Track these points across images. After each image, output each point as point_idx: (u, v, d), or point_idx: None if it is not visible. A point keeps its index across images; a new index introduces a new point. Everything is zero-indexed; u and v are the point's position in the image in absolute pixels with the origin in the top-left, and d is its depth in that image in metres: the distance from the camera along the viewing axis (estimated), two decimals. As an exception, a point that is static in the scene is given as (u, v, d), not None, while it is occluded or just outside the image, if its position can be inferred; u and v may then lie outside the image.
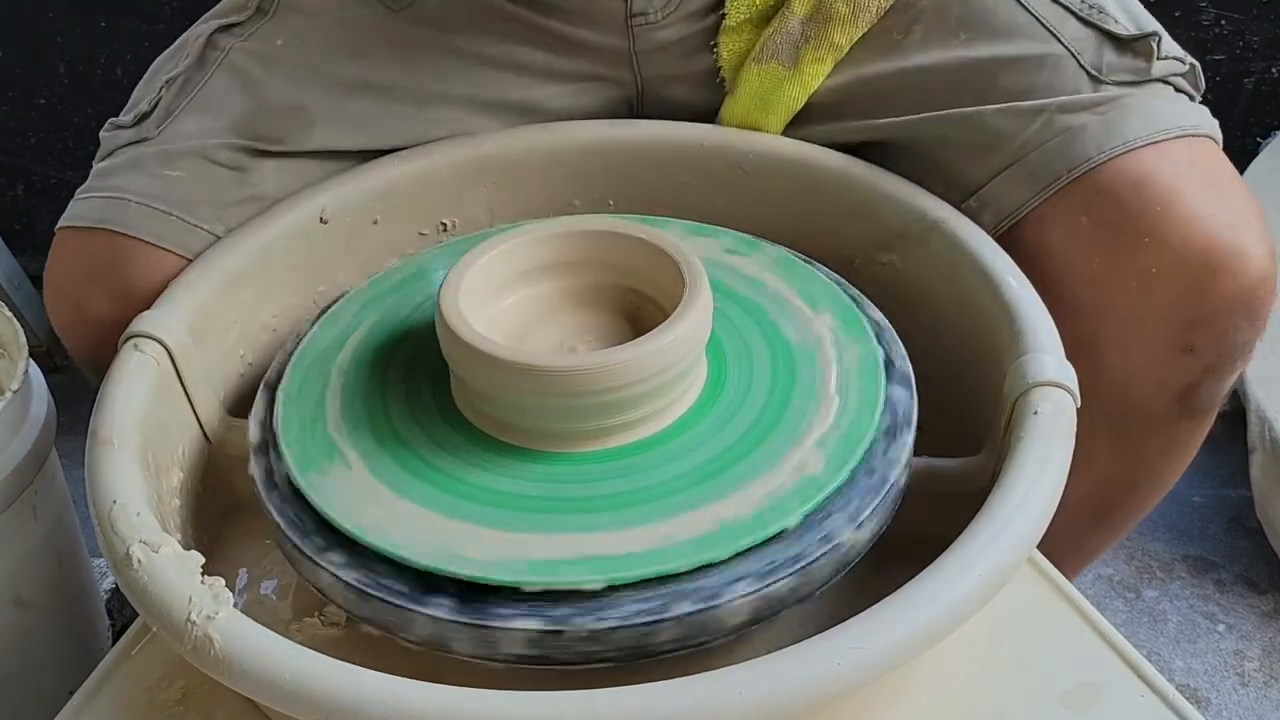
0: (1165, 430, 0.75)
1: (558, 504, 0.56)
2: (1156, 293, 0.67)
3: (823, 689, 0.45)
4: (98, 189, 0.73)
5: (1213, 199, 0.67)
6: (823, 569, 0.54)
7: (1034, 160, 0.70)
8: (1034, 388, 0.58)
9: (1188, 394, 0.71)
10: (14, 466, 0.79)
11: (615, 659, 0.52)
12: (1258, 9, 1.29)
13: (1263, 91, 1.36)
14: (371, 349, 0.66)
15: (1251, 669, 1.02)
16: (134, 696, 0.59)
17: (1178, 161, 0.68)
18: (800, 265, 0.70)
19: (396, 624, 0.53)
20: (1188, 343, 0.68)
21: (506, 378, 0.56)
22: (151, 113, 0.76)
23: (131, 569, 0.51)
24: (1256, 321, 0.68)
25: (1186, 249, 0.65)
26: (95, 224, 0.72)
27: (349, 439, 0.60)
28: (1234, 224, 0.66)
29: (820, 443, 0.57)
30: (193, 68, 0.77)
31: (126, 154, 0.75)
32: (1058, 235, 0.70)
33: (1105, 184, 0.67)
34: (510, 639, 0.51)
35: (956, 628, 0.48)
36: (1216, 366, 0.69)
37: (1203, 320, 0.67)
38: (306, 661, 0.47)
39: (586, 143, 0.81)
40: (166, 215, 0.71)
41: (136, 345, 0.64)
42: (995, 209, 0.72)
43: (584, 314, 0.66)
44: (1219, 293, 0.66)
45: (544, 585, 0.52)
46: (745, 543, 0.53)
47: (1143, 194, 0.66)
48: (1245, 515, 1.15)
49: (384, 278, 0.72)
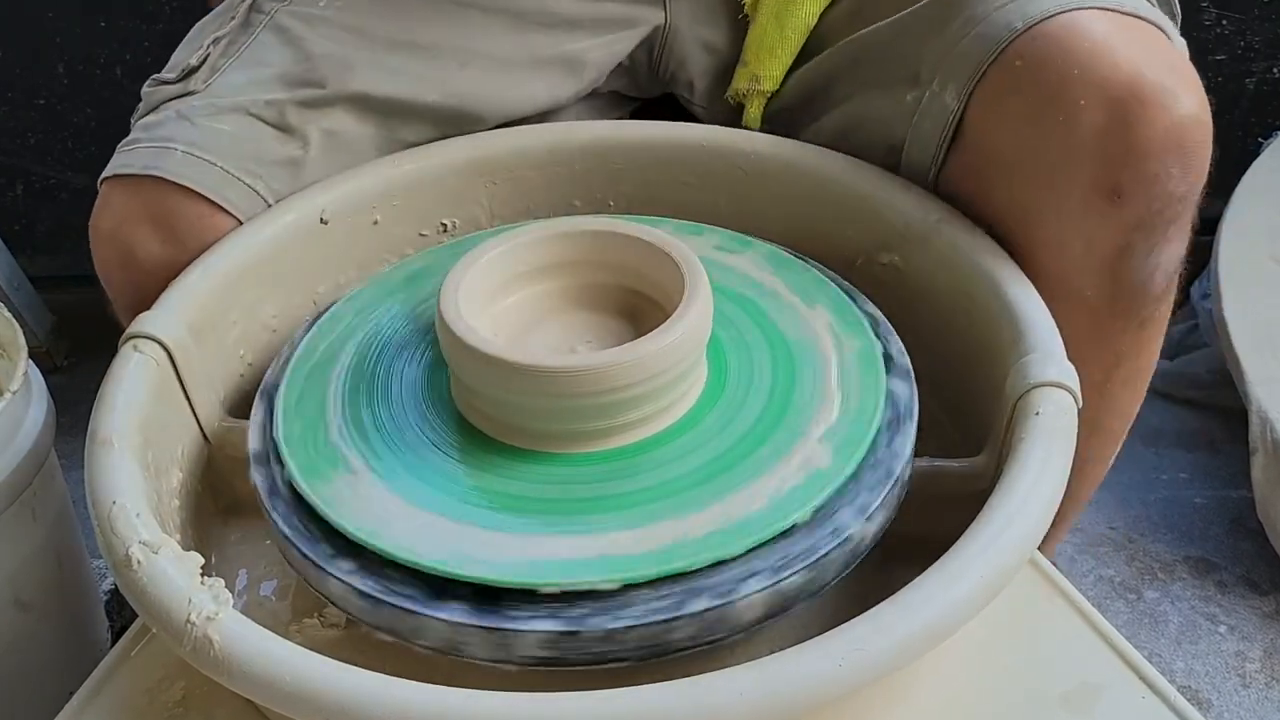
0: (1102, 330, 0.72)
1: (565, 505, 0.56)
2: (1082, 126, 0.64)
3: (823, 690, 0.45)
4: (144, 140, 0.74)
5: (1149, 50, 0.66)
6: (834, 562, 0.54)
7: (989, 22, 0.69)
8: (1035, 388, 0.58)
9: (1118, 263, 0.68)
10: (13, 467, 0.79)
11: (631, 658, 0.52)
12: (1259, 9, 1.29)
13: (1264, 91, 1.36)
14: (371, 352, 0.66)
15: (1253, 670, 1.02)
16: (134, 698, 0.59)
17: (1122, 23, 0.67)
18: (793, 261, 0.70)
19: (410, 630, 0.53)
20: (1115, 185, 0.65)
21: (507, 379, 0.56)
22: (199, 68, 0.78)
23: (131, 570, 0.51)
24: (1189, 170, 0.65)
25: (1114, 78, 0.64)
26: (142, 171, 0.72)
27: (351, 445, 0.60)
28: (1167, 70, 0.64)
29: (826, 437, 0.58)
30: (238, 29, 0.80)
31: (173, 107, 0.76)
32: (998, 92, 0.69)
33: (1044, 31, 0.67)
34: (526, 641, 0.51)
35: (957, 629, 0.48)
36: (1147, 223, 0.66)
37: (1129, 156, 0.64)
38: (306, 663, 0.47)
39: (586, 142, 0.81)
40: (211, 165, 0.72)
41: (136, 346, 0.64)
42: (956, 81, 0.71)
43: (584, 314, 0.66)
44: (1147, 123, 0.63)
45: (561, 587, 0.51)
46: (758, 538, 0.53)
47: (1075, 36, 0.66)
48: (1246, 516, 1.15)
49: (385, 278, 0.72)
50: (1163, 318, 0.73)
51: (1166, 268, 0.69)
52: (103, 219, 0.74)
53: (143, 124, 0.77)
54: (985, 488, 0.55)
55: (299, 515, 0.57)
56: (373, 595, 0.53)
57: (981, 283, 0.67)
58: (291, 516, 0.57)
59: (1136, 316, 0.71)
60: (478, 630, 0.51)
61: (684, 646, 0.52)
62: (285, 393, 0.64)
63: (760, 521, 0.53)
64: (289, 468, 0.59)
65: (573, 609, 0.51)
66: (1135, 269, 0.68)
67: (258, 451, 0.62)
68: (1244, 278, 1.18)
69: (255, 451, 0.62)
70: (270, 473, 0.60)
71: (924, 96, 0.73)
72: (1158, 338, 0.75)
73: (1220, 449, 1.25)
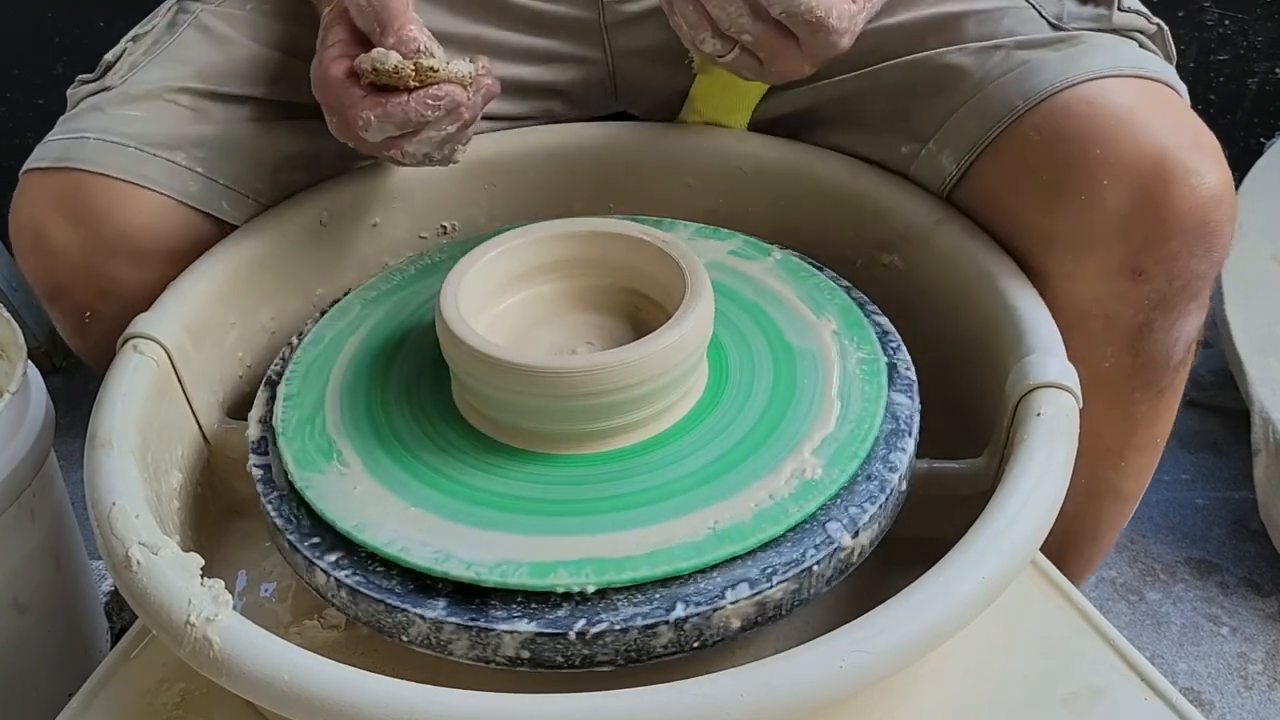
0: (1121, 402, 0.71)
1: (556, 506, 0.56)
2: (1105, 206, 0.63)
3: (824, 692, 0.45)
4: (59, 133, 0.74)
5: (1171, 122, 0.64)
6: (822, 573, 0.54)
7: (991, 93, 0.68)
8: (1036, 389, 0.57)
9: (1139, 339, 0.67)
10: (12, 469, 0.79)
11: (613, 662, 0.52)
12: (1261, 9, 1.29)
13: (1267, 92, 1.36)
14: (372, 349, 0.66)
15: (1255, 672, 1.02)
16: (133, 699, 0.59)
17: (1137, 91, 0.66)
18: (806, 269, 0.70)
19: (393, 625, 0.53)
20: (1136, 265, 0.64)
21: (507, 379, 0.56)
22: (115, 64, 0.77)
23: (130, 571, 0.51)
24: (1211, 249, 0.64)
25: (1139, 158, 0.62)
26: (55, 163, 0.71)
27: (348, 439, 0.60)
28: (1191, 145, 0.63)
29: (820, 448, 0.57)
30: (163, 29, 0.78)
31: (88, 101, 0.75)
32: (1010, 162, 0.68)
33: (1060, 105, 0.65)
34: (507, 641, 0.51)
35: (959, 630, 0.48)
36: (1168, 299, 0.65)
37: (1153, 238, 0.63)
38: (305, 664, 0.46)
39: (585, 144, 0.81)
40: (124, 148, 0.71)
41: (135, 347, 0.64)
42: (955, 147, 0.70)
43: (585, 315, 0.66)
44: (1171, 206, 0.62)
45: (539, 587, 0.51)
46: (743, 546, 0.52)
47: (1096, 110, 0.64)
48: (1249, 517, 1.15)
49: (385, 278, 0.72)
50: (1180, 383, 0.72)
51: (1186, 339, 0.69)
52: (19, 210, 0.73)
53: (61, 119, 0.76)
54: (986, 489, 0.55)
55: (290, 506, 0.58)
56: (356, 589, 0.53)
57: (982, 283, 0.67)
58: (284, 507, 0.58)
59: (1155, 387, 0.71)
60: (458, 628, 0.51)
61: (668, 652, 0.52)
62: (287, 384, 0.64)
63: (747, 530, 0.53)
64: (284, 458, 0.59)
65: (554, 611, 0.51)
66: (1155, 343, 0.68)
67: (256, 440, 0.62)
68: (1246, 279, 1.17)
69: (253, 440, 0.62)
70: (267, 462, 0.61)
71: (920, 152, 0.72)
72: (1175, 403, 0.74)
73: (1222, 450, 1.25)
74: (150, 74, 0.75)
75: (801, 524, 0.54)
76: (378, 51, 0.63)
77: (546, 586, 0.51)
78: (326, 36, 0.68)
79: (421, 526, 0.55)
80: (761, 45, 0.62)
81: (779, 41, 0.62)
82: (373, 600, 0.53)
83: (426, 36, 0.64)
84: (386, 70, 0.63)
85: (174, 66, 0.75)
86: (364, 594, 0.53)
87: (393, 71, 0.63)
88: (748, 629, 0.53)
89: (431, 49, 0.64)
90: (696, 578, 0.52)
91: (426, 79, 0.63)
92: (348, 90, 0.64)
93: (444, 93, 0.63)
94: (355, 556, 0.55)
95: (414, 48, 0.63)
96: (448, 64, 0.64)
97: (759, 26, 0.61)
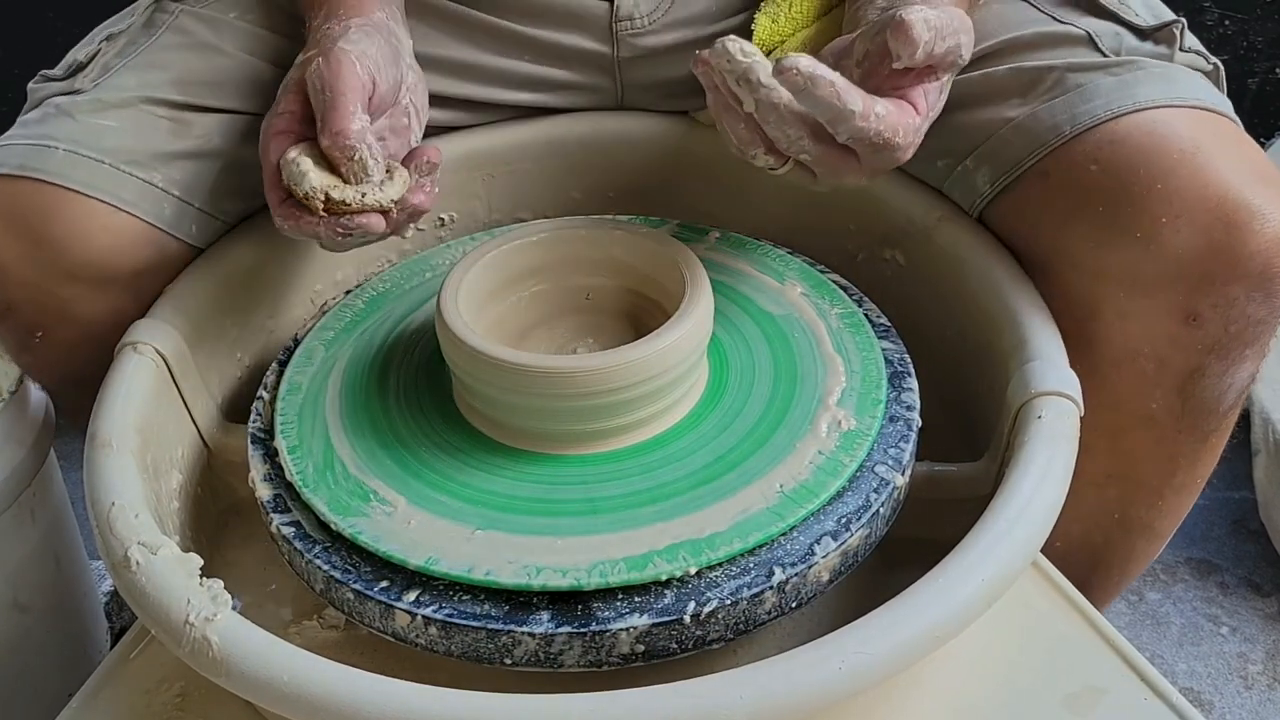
0: (1165, 443, 0.68)
1: (607, 503, 0.55)
2: (1164, 246, 0.60)
3: (824, 693, 0.45)
4: (21, 137, 0.68)
5: (1235, 157, 0.61)
6: (884, 515, 0.56)
7: (1040, 114, 0.65)
8: (1037, 397, 0.57)
9: (1189, 383, 0.65)
10: (12, 469, 0.79)
11: (723, 638, 0.52)
12: (1262, 9, 1.29)
13: (1267, 92, 1.35)
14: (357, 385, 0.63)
15: (1255, 672, 1.02)
16: (132, 699, 0.59)
17: (1200, 122, 0.62)
18: (750, 241, 0.71)
19: (495, 650, 0.52)
20: (1192, 309, 0.61)
21: (509, 380, 0.56)
22: (88, 65, 0.71)
23: (130, 571, 0.51)
24: (1272, 295, 0.61)
25: (1202, 199, 0.59)
26: (16, 171, 0.66)
27: (378, 477, 0.58)
28: (1256, 182, 0.60)
29: (842, 399, 0.59)
30: (139, 30, 0.74)
31: (55, 103, 0.70)
32: (1060, 189, 0.64)
33: (1117, 133, 0.62)
34: (623, 639, 0.51)
35: (959, 632, 0.48)
36: (1223, 345, 0.62)
37: (1211, 282, 0.60)
38: (304, 664, 0.46)
39: (585, 135, 0.81)
40: (97, 163, 0.66)
41: (135, 348, 0.64)
42: (993, 166, 0.67)
43: (585, 315, 0.66)
44: (1232, 251, 0.59)
45: (642, 580, 0.51)
46: (817, 503, 0.54)
47: (1156, 141, 0.61)
48: (1249, 518, 1.15)
49: (336, 316, 0.69)
50: (1228, 428, 0.69)
51: (1239, 386, 0.66)
52: None
53: (22, 120, 0.70)
54: (986, 493, 0.55)
55: (342, 555, 0.55)
56: (449, 622, 0.51)
57: (983, 284, 0.66)
58: (334, 557, 0.55)
59: (1201, 430, 0.68)
60: (570, 637, 0.51)
61: (770, 618, 0.53)
62: (283, 436, 0.61)
63: (813, 488, 0.55)
64: (317, 509, 0.57)
65: (658, 600, 0.51)
66: (1207, 389, 0.65)
67: (270, 499, 0.59)
68: (1246, 279, 1.17)
69: (267, 499, 0.59)
70: (294, 519, 0.58)
71: (956, 169, 0.69)
72: (1220, 446, 0.71)
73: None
74: (126, 79, 0.70)
75: (856, 473, 0.56)
76: (299, 161, 0.59)
77: (650, 578, 0.51)
78: (280, 100, 0.63)
79: (493, 546, 0.53)
80: (820, 163, 0.58)
81: (839, 160, 0.57)
82: (471, 630, 0.51)
83: (367, 142, 0.59)
84: (297, 193, 0.59)
85: (151, 72, 0.71)
86: (459, 625, 0.51)
87: (303, 197, 0.59)
88: (834, 580, 0.54)
89: (364, 159, 0.59)
90: (782, 540, 0.53)
91: (336, 210, 0.59)
92: (275, 176, 0.61)
93: (355, 224, 0.59)
94: (435, 590, 0.53)
95: (348, 155, 0.59)
96: (380, 183, 0.60)
97: (820, 148, 0.57)
